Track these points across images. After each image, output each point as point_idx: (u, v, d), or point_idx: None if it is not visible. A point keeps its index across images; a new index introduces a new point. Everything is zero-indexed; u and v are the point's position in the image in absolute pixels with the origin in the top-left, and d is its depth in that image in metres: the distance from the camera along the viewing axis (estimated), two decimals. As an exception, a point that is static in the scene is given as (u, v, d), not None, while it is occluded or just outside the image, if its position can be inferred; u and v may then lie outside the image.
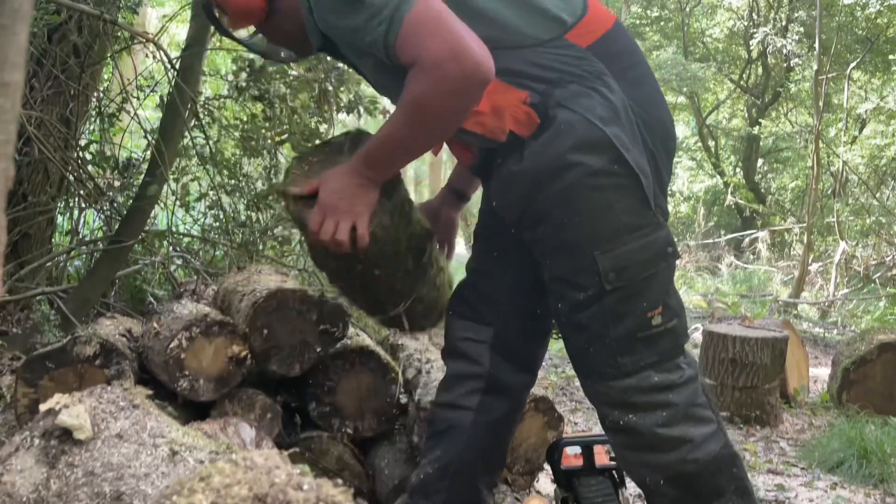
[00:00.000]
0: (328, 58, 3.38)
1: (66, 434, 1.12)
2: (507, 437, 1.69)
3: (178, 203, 3.46)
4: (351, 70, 3.47)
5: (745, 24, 12.46)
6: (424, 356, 2.24)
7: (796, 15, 11.61)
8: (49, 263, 3.17)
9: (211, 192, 3.43)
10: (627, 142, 1.32)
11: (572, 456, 1.85)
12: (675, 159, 2.24)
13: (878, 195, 10.14)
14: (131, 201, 2.99)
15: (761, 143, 13.29)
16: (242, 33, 1.63)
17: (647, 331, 1.35)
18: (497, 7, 1.34)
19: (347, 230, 1.34)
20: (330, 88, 3.47)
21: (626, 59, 1.40)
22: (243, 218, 3.51)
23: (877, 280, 8.91)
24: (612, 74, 1.35)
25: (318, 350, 1.99)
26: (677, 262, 1.44)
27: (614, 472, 1.85)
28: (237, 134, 3.58)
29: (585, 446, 1.84)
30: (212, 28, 3.32)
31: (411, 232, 1.51)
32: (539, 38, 1.34)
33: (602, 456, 1.87)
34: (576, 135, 1.29)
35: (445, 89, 1.22)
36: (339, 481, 2.04)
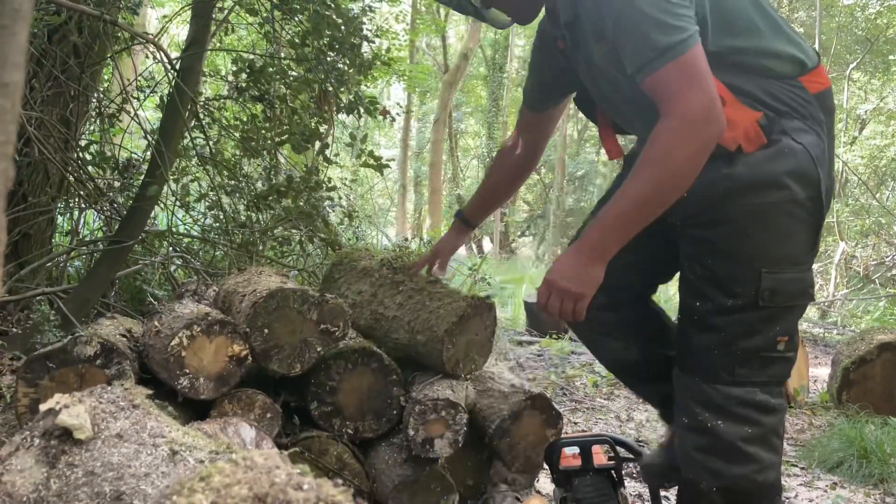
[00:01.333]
0: (333, 54, 3.36)
1: (66, 434, 1.13)
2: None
3: (178, 203, 3.45)
4: (351, 70, 3.49)
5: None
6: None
7: (796, 15, 11.61)
8: (49, 264, 3.17)
9: (211, 193, 3.42)
10: (826, 186, 1.46)
11: (571, 456, 1.85)
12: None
13: (877, 195, 10.14)
14: (131, 202, 2.99)
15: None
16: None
17: (770, 352, 1.49)
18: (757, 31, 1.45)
19: (570, 310, 1.48)
20: (330, 89, 3.46)
21: (831, 117, 1.54)
22: (243, 218, 3.50)
23: (877, 280, 8.91)
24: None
25: (319, 350, 1.99)
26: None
27: (612, 471, 1.85)
28: (237, 134, 3.58)
29: (583, 447, 1.84)
30: (212, 28, 3.32)
31: None
32: (778, 73, 1.47)
33: (600, 456, 1.87)
34: (795, 161, 1.42)
35: (697, 146, 1.32)
36: (339, 481, 2.04)
